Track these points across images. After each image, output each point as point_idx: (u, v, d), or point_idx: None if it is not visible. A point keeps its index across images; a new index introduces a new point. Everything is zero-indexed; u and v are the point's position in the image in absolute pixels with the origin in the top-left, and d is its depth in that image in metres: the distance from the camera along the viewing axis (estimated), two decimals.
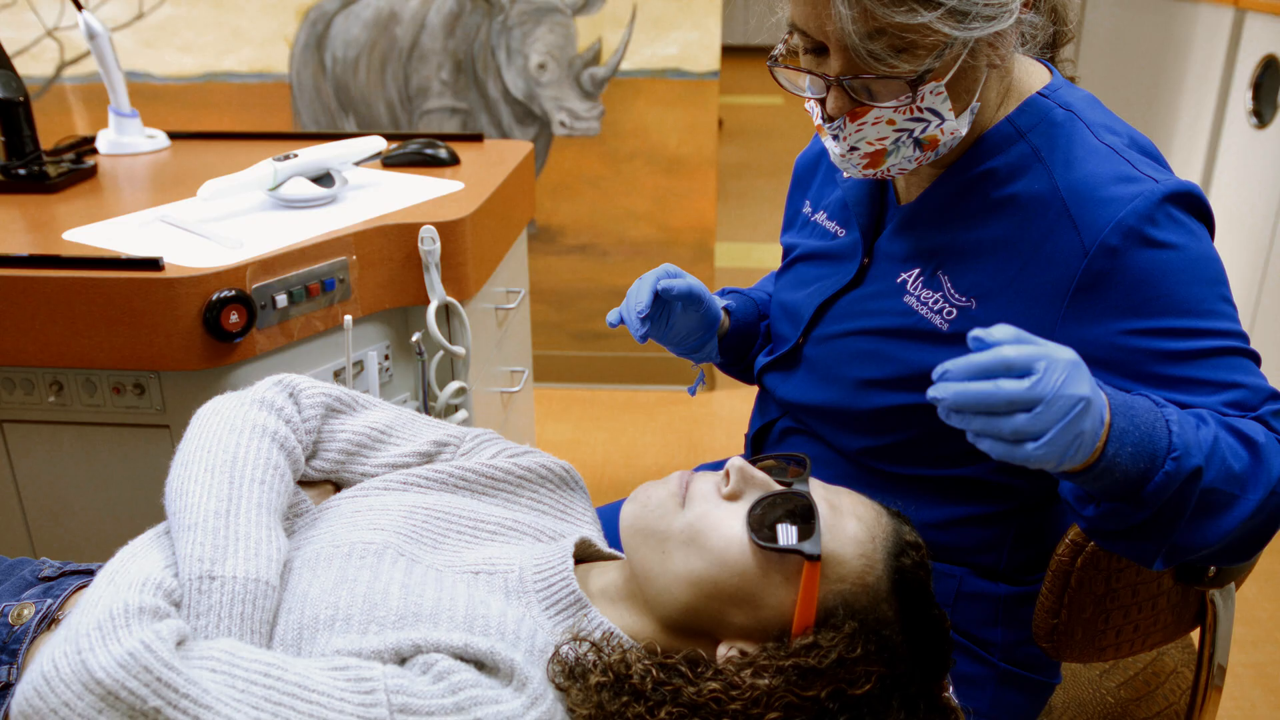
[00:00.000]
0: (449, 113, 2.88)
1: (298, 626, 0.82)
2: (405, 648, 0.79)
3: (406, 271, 1.47)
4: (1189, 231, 0.94)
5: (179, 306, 1.26)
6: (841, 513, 0.88)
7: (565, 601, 0.90)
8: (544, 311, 3.06)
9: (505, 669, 0.79)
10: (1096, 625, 1.03)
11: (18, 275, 1.26)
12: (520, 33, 2.77)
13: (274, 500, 0.91)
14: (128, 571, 0.82)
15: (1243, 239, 2.81)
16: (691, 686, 0.80)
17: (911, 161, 1.00)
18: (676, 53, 2.78)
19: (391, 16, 2.79)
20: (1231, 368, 0.92)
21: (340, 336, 1.43)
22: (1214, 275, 0.94)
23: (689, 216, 2.96)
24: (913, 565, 0.87)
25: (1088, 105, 1.04)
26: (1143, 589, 1.03)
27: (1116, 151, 0.97)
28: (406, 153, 1.77)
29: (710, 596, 0.85)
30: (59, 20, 2.82)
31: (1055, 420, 0.76)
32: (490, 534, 0.98)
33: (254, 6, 2.79)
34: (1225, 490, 0.86)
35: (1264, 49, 2.72)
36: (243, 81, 2.88)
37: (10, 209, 1.54)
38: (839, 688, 0.80)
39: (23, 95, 1.61)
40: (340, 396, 1.07)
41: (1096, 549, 0.97)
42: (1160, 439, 0.83)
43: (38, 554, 1.43)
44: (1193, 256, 0.93)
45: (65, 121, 2.91)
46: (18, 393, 1.34)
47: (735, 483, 0.89)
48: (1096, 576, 0.99)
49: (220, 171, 1.56)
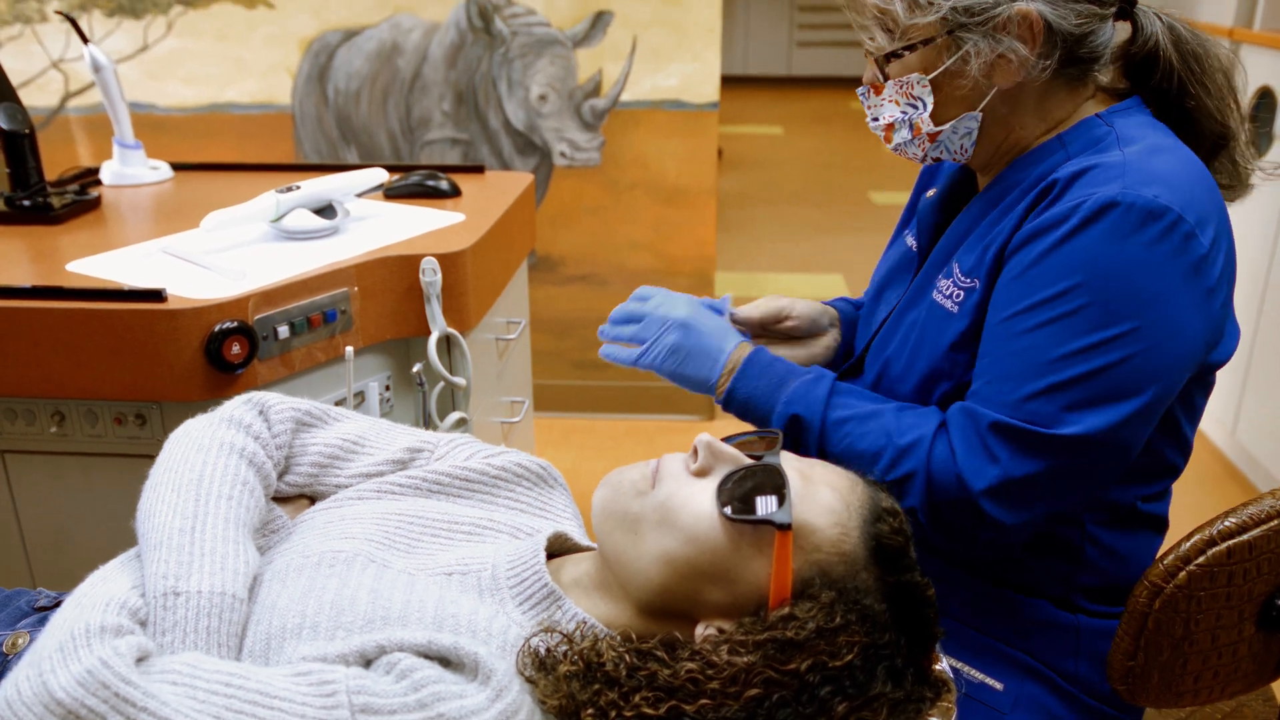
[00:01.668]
0: (450, 143, 2.90)
1: (265, 637, 0.81)
2: (370, 650, 0.78)
3: (408, 302, 1.48)
4: (1116, 239, 0.95)
5: (181, 338, 1.26)
6: (814, 482, 0.86)
7: (538, 595, 0.88)
8: (544, 340, 3.06)
9: (470, 664, 0.77)
10: (1174, 669, 1.00)
11: (21, 306, 1.27)
12: (521, 64, 2.79)
13: (242, 515, 0.91)
14: (93, 594, 0.82)
15: (1240, 267, 2.82)
16: (667, 669, 0.78)
17: (914, 145, 1.09)
18: (676, 84, 2.80)
19: (394, 48, 2.82)
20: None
21: (341, 367, 1.44)
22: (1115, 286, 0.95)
23: (689, 246, 2.97)
24: (890, 531, 0.85)
25: (1130, 124, 1.04)
26: (1222, 634, 1.00)
27: (1125, 156, 0.99)
28: (408, 184, 1.78)
29: (685, 576, 0.84)
30: (64, 52, 2.85)
31: (652, 332, 1.13)
32: (465, 535, 0.97)
33: (257, 38, 2.81)
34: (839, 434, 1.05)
35: (1259, 80, 2.75)
36: (245, 112, 2.90)
37: (14, 240, 1.55)
38: (819, 660, 0.78)
39: (28, 127, 1.63)
40: (310, 410, 1.06)
41: (1175, 591, 0.96)
42: (780, 394, 1.08)
43: (37, 584, 1.43)
44: (1097, 259, 0.95)
45: (69, 152, 2.93)
46: (19, 423, 1.35)
47: (704, 458, 0.87)
48: (1175, 619, 0.97)
49: (223, 202, 1.57)
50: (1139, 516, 1.09)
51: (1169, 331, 0.94)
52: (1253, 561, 0.97)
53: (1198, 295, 0.96)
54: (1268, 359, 2.66)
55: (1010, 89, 1.03)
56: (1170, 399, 0.99)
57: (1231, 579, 0.97)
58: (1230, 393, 2.85)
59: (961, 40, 1.00)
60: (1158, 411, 0.98)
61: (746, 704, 0.76)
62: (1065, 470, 0.96)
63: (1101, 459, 0.96)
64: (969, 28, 1.00)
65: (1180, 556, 0.97)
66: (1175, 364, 0.96)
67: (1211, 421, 3.06)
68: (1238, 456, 2.90)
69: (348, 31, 2.81)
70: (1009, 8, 0.99)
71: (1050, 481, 0.96)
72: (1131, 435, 0.96)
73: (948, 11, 0.99)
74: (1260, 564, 0.98)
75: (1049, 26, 0.99)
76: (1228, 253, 1.00)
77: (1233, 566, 0.97)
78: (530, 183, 1.92)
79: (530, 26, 2.76)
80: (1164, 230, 0.94)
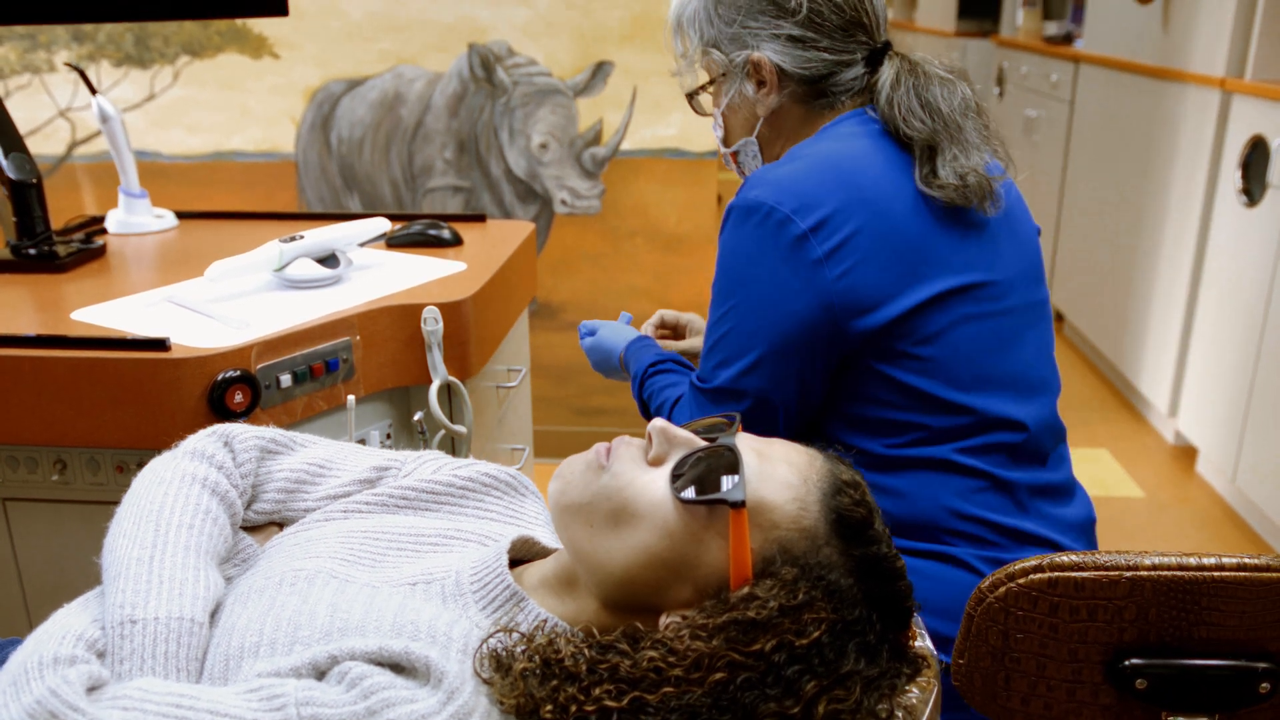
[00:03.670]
0: (452, 191, 2.92)
1: (224, 658, 0.80)
2: (322, 661, 0.77)
3: (409, 351, 1.49)
4: (732, 234, 1.23)
5: (184, 386, 1.27)
6: (771, 459, 0.84)
7: (501, 598, 0.87)
8: (544, 387, 3.07)
9: (421, 668, 0.76)
10: (996, 680, 1.01)
11: (25, 355, 1.27)
12: (522, 113, 2.83)
13: (204, 542, 0.90)
14: (50, 628, 0.81)
15: (1236, 315, 2.84)
16: (628, 660, 0.76)
17: (729, 163, 1.41)
18: (676, 133, 2.83)
19: (397, 97, 2.86)
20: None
21: (343, 415, 1.45)
22: (726, 271, 1.23)
23: (689, 292, 2.99)
24: (851, 504, 0.83)
25: (831, 134, 1.28)
26: (1051, 666, 1.00)
27: (762, 170, 1.25)
28: (410, 233, 1.80)
29: (645, 566, 0.82)
30: (72, 100, 2.88)
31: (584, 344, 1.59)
32: (432, 546, 0.96)
33: (262, 87, 2.85)
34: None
35: (1251, 129, 2.78)
36: (249, 160, 2.93)
37: (20, 288, 1.56)
38: (785, 639, 0.76)
39: (36, 177, 1.65)
40: (276, 438, 1.05)
41: (995, 602, 0.98)
42: (628, 364, 1.49)
43: None
44: (722, 252, 1.25)
45: (75, 199, 2.96)
46: (21, 470, 1.35)
47: (658, 445, 0.86)
48: (993, 628, 0.99)
49: (227, 251, 1.58)
50: (899, 461, 1.23)
51: (764, 301, 1.20)
52: (1082, 601, 0.97)
53: (798, 267, 1.17)
54: (1265, 406, 2.67)
55: (772, 116, 1.32)
56: (795, 354, 1.20)
57: (1056, 610, 0.98)
58: (1229, 440, 2.85)
59: (724, 81, 1.32)
60: (782, 366, 1.20)
61: (711, 689, 0.74)
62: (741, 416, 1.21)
63: (749, 407, 1.22)
64: (725, 71, 1.31)
65: (1007, 572, 0.99)
66: (776, 325, 1.19)
67: (1211, 469, 3.06)
68: (1239, 504, 2.89)
69: (351, 81, 2.85)
70: (741, 55, 1.28)
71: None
72: (758, 384, 1.21)
73: (704, 62, 1.34)
74: (1094, 609, 0.98)
75: (782, 70, 1.27)
76: (854, 231, 1.18)
77: (1055, 598, 0.97)
78: (531, 231, 1.94)
79: (532, 76, 2.80)
80: (759, 220, 1.19)
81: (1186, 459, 3.21)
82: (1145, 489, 3.04)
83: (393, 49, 2.81)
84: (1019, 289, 1.27)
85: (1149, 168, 3.42)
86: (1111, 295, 3.72)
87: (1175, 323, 3.20)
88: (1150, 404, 3.46)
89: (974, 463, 1.22)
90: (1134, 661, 0.99)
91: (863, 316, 1.18)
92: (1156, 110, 3.37)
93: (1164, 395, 3.27)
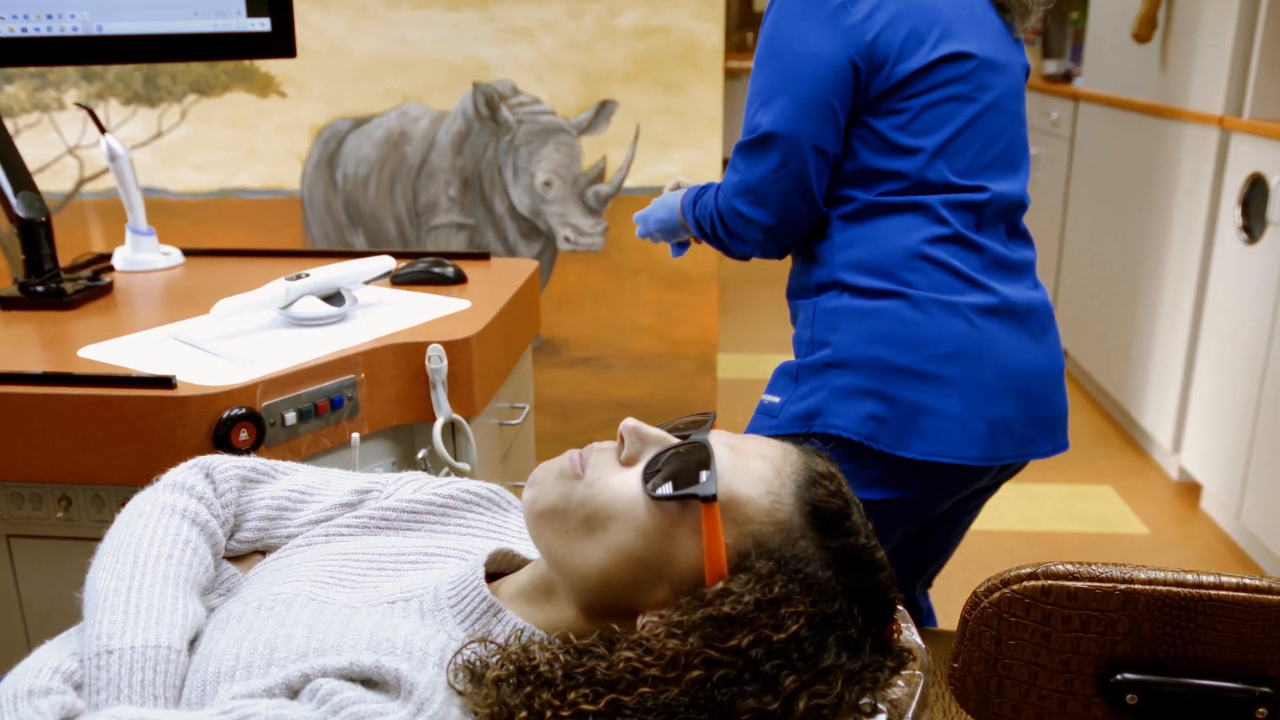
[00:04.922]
0: (456, 228, 2.94)
1: (201, 684, 0.80)
2: (295, 680, 0.76)
3: (414, 389, 1.50)
4: (780, 7, 1.45)
5: (190, 424, 1.28)
6: (744, 454, 0.84)
7: (478, 611, 0.86)
8: (548, 423, 3.07)
9: (392, 681, 0.75)
10: (989, 686, 1.01)
11: (31, 392, 1.28)
12: (526, 151, 2.85)
13: (183, 572, 0.90)
14: (29, 664, 0.81)
15: (1238, 352, 2.84)
16: (604, 663, 0.76)
17: None
18: (679, 170, 2.85)
19: (402, 135, 2.88)
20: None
21: (348, 453, 1.45)
22: (769, 39, 1.45)
23: (692, 330, 3.00)
24: (826, 495, 0.83)
25: None
26: (1043, 675, 1.00)
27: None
28: (415, 271, 1.81)
29: (621, 567, 0.82)
30: (80, 138, 2.91)
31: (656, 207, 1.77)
32: (412, 564, 0.95)
33: (269, 125, 2.88)
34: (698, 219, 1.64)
35: (1250, 167, 2.80)
36: (255, 197, 2.95)
37: (27, 325, 1.57)
38: (762, 634, 0.75)
39: (44, 215, 1.66)
40: (257, 466, 1.05)
41: (989, 607, 0.98)
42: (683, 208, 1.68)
43: None
44: (766, 23, 1.47)
45: (82, 235, 2.98)
46: (26, 507, 1.35)
47: (630, 445, 0.85)
48: (985, 633, 0.99)
49: (233, 289, 1.59)
50: (877, 207, 1.46)
51: (802, 54, 1.40)
52: (1075, 611, 0.97)
53: (835, 30, 1.39)
54: (1269, 441, 2.66)
55: None
56: (825, 99, 1.41)
57: (1049, 619, 0.98)
58: (1233, 476, 2.85)
59: None
60: (813, 110, 1.41)
61: (688, 687, 0.74)
62: (775, 168, 1.44)
63: (788, 151, 1.42)
64: None
65: (1002, 578, 0.99)
66: (812, 72, 1.40)
67: (1215, 505, 3.06)
68: (1243, 540, 2.88)
69: (357, 119, 2.88)
70: None
71: (773, 178, 1.44)
72: (790, 125, 1.41)
73: None
74: (1087, 619, 0.98)
75: None
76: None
77: (1049, 606, 0.98)
78: (535, 269, 1.95)
79: (536, 115, 2.83)
80: None
81: (1191, 495, 3.20)
82: (1150, 525, 3.03)
83: (398, 87, 2.84)
84: (1008, 97, 1.49)
85: (1149, 205, 3.44)
86: (1114, 331, 3.73)
87: (1178, 359, 3.20)
88: (1154, 440, 3.45)
89: (946, 214, 1.44)
90: (1126, 676, 0.99)
91: (880, 71, 1.40)
92: (1156, 148, 3.40)
93: (1167, 431, 3.27)
